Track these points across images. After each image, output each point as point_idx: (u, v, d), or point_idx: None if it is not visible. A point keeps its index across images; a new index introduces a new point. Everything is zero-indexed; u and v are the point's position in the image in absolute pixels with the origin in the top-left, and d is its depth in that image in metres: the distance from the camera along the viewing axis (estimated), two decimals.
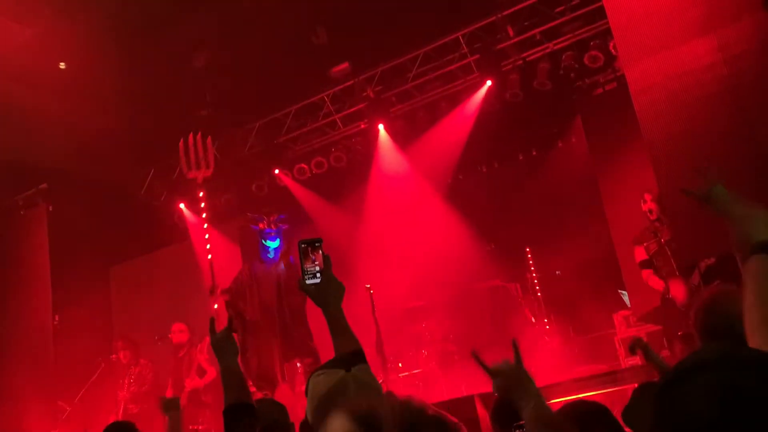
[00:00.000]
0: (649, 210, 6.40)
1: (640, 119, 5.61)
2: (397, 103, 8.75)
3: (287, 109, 9.14)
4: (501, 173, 9.43)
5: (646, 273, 6.46)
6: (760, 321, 1.51)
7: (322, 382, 1.73)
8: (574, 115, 8.67)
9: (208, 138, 8.49)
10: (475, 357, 1.76)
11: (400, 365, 7.95)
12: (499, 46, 7.92)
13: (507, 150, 9.35)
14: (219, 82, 8.55)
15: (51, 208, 9.24)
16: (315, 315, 7.29)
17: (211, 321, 2.45)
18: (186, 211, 9.72)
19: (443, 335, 8.12)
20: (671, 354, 6.00)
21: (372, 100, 8.55)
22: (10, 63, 7.29)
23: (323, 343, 7.14)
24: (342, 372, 1.73)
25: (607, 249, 7.96)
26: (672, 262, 6.21)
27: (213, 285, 7.44)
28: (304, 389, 1.87)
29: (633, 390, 2.64)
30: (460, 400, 5.66)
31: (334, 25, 7.98)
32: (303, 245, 2.03)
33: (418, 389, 7.32)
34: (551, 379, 6.19)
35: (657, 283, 6.32)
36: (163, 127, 9.16)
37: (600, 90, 8.44)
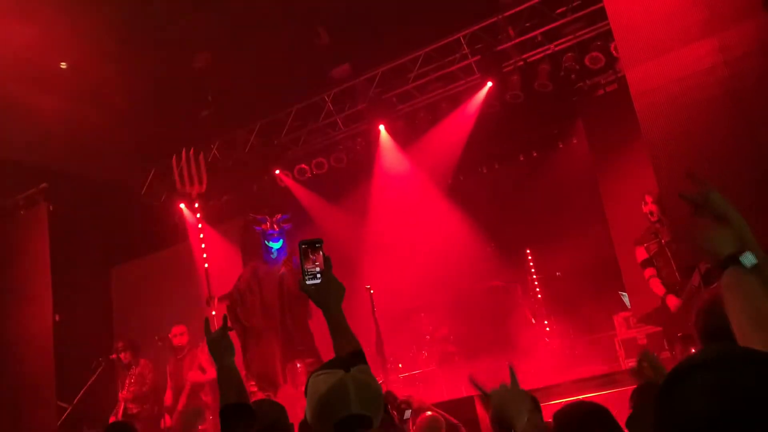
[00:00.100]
0: (650, 212, 6.41)
1: (640, 121, 5.61)
2: (398, 104, 8.75)
3: (288, 110, 9.14)
4: (502, 174, 9.43)
5: (648, 272, 6.47)
6: (751, 328, 1.53)
7: (321, 382, 1.73)
8: (574, 117, 8.67)
9: (200, 155, 8.66)
10: (473, 382, 1.78)
11: (400, 366, 7.96)
12: (500, 47, 7.92)
13: (508, 151, 9.35)
14: (220, 82, 8.56)
15: (51, 207, 9.23)
16: (317, 315, 7.30)
17: (206, 322, 2.46)
18: (186, 212, 9.72)
19: (443, 336, 8.12)
20: (672, 356, 6.01)
21: (373, 100, 8.55)
22: (11, 62, 7.29)
23: (324, 344, 7.14)
24: (341, 372, 1.73)
25: (608, 250, 7.95)
26: (672, 263, 6.22)
27: (209, 296, 7.49)
28: (304, 389, 1.86)
29: (631, 392, 2.64)
30: (460, 400, 5.67)
31: (335, 26, 7.99)
32: (303, 246, 2.04)
33: (418, 390, 7.32)
34: (551, 380, 6.20)
35: (658, 288, 6.32)
36: (164, 128, 9.17)
37: (601, 91, 8.44)
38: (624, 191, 7.65)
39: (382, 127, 8.77)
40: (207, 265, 8.47)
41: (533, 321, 8.26)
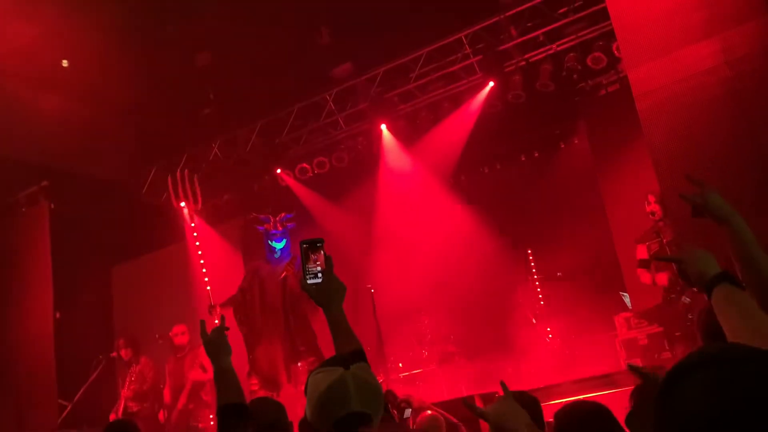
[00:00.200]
0: (652, 212, 6.42)
1: (642, 121, 5.60)
2: (400, 104, 8.75)
3: (289, 109, 9.14)
4: (503, 174, 9.42)
5: (640, 271, 6.51)
6: (749, 336, 1.53)
7: (321, 380, 1.73)
8: (576, 117, 8.66)
9: (195, 176, 8.81)
10: (467, 405, 1.78)
11: (400, 365, 7.96)
12: (502, 47, 7.91)
13: (509, 151, 9.35)
14: (221, 81, 8.56)
15: (52, 206, 9.24)
16: (321, 316, 7.30)
17: (202, 324, 2.48)
18: (186, 212, 9.73)
19: (444, 335, 8.12)
20: (672, 356, 6.01)
21: (374, 100, 8.55)
22: (13, 60, 7.30)
23: (328, 344, 7.14)
24: (341, 370, 1.73)
25: (609, 251, 7.95)
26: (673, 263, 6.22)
27: (210, 305, 7.51)
28: (304, 388, 1.87)
29: (631, 392, 2.64)
30: (460, 400, 5.66)
31: (336, 25, 7.98)
32: (304, 246, 2.04)
33: (418, 389, 7.32)
34: (552, 380, 6.20)
35: (646, 278, 6.40)
36: (166, 126, 9.17)
37: (603, 92, 8.44)
38: (625, 191, 7.65)
39: (383, 127, 8.76)
40: (205, 270, 8.56)
41: (534, 321, 8.25)
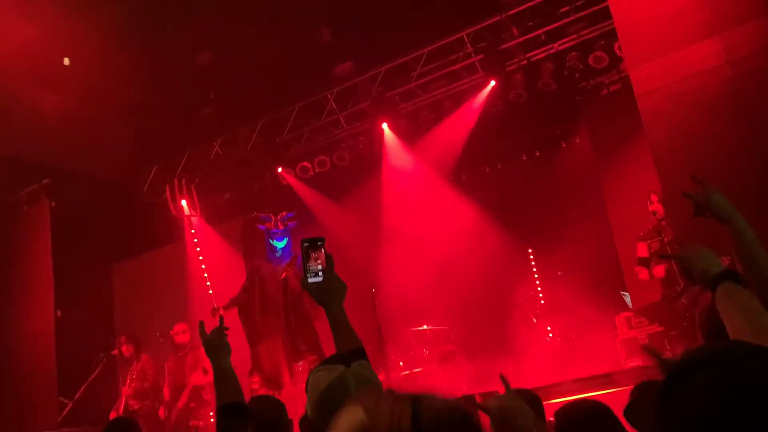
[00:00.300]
0: (654, 211, 6.42)
1: (644, 120, 5.60)
2: (401, 102, 8.74)
3: (290, 108, 9.14)
4: (504, 174, 9.41)
5: (638, 269, 6.52)
6: (752, 334, 1.53)
7: (321, 378, 1.73)
8: (578, 116, 8.65)
9: (192, 185, 8.90)
10: (467, 400, 1.79)
11: (401, 364, 7.95)
12: (504, 46, 7.90)
13: (510, 150, 9.33)
14: (222, 80, 8.56)
15: (53, 204, 9.25)
16: (323, 315, 7.30)
17: (201, 324, 2.47)
18: (187, 210, 9.74)
19: (444, 334, 8.11)
20: (672, 355, 6.00)
21: (375, 98, 8.55)
22: (14, 59, 7.30)
23: (330, 343, 7.14)
24: (342, 368, 1.73)
25: (610, 250, 7.95)
26: (673, 262, 6.22)
27: (214, 308, 7.54)
28: (304, 386, 1.87)
29: (631, 390, 2.64)
30: (460, 399, 5.65)
31: (337, 24, 7.98)
32: (305, 244, 2.04)
33: (418, 388, 7.30)
34: (552, 380, 6.19)
35: (643, 274, 6.41)
36: (167, 125, 9.17)
37: (604, 91, 8.42)
38: (626, 191, 7.65)
39: (385, 126, 8.76)
40: (207, 275, 8.60)
41: (534, 320, 8.25)
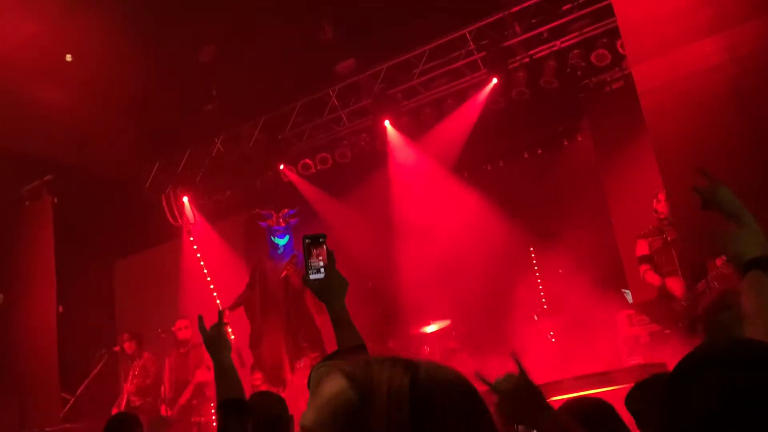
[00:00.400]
0: (655, 209, 6.41)
1: (646, 118, 5.59)
2: (403, 100, 8.73)
3: (292, 105, 9.13)
4: (506, 171, 9.40)
5: (643, 268, 6.50)
6: (763, 331, 1.52)
7: (323, 374, 1.73)
8: (580, 114, 8.64)
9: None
10: (479, 377, 1.76)
11: None
12: (506, 43, 7.88)
13: (512, 148, 9.32)
14: (224, 76, 8.56)
15: (56, 200, 9.26)
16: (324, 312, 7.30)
17: (200, 319, 2.46)
18: (187, 207, 9.76)
19: (445, 331, 8.12)
20: (673, 353, 6.00)
21: (377, 96, 8.54)
22: (16, 55, 7.30)
23: (331, 340, 7.15)
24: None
25: (611, 248, 7.94)
26: (675, 261, 6.22)
27: (220, 310, 7.56)
28: (306, 382, 1.86)
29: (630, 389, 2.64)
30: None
31: (340, 21, 7.97)
32: (307, 241, 2.04)
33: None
34: (552, 377, 6.19)
35: (654, 279, 6.38)
36: (169, 122, 9.17)
37: (607, 89, 8.40)
38: (628, 189, 7.64)
39: (387, 123, 8.75)
40: (210, 279, 8.62)
41: (536, 318, 8.26)
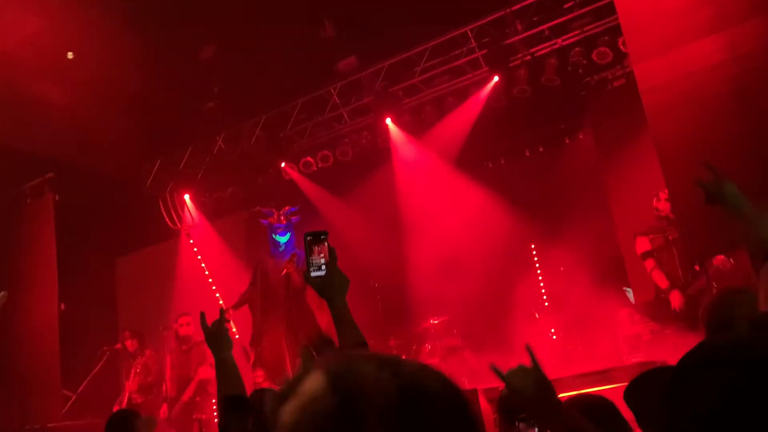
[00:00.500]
0: (656, 208, 6.41)
1: (648, 116, 5.59)
2: (404, 98, 8.73)
3: (294, 103, 9.13)
4: (507, 169, 9.39)
5: (649, 264, 6.48)
6: None
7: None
8: (581, 112, 8.62)
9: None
10: (494, 369, 1.74)
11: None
12: (508, 41, 7.88)
13: (513, 146, 9.31)
14: (226, 74, 8.56)
15: (57, 197, 9.26)
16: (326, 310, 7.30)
17: (202, 315, 2.47)
18: (189, 205, 9.76)
19: (447, 329, 8.12)
20: (673, 352, 6.00)
21: (379, 94, 8.53)
22: (18, 52, 7.30)
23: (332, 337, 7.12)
24: None
25: (612, 246, 7.94)
26: (676, 259, 6.22)
27: (222, 310, 7.55)
28: None
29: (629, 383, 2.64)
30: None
31: (341, 19, 7.97)
32: (309, 238, 2.04)
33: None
34: (554, 375, 6.19)
35: (661, 280, 6.35)
36: (170, 119, 9.17)
37: (608, 87, 8.40)
38: (630, 187, 7.63)
39: (389, 121, 8.75)
40: (212, 280, 8.62)
41: (537, 315, 8.26)
